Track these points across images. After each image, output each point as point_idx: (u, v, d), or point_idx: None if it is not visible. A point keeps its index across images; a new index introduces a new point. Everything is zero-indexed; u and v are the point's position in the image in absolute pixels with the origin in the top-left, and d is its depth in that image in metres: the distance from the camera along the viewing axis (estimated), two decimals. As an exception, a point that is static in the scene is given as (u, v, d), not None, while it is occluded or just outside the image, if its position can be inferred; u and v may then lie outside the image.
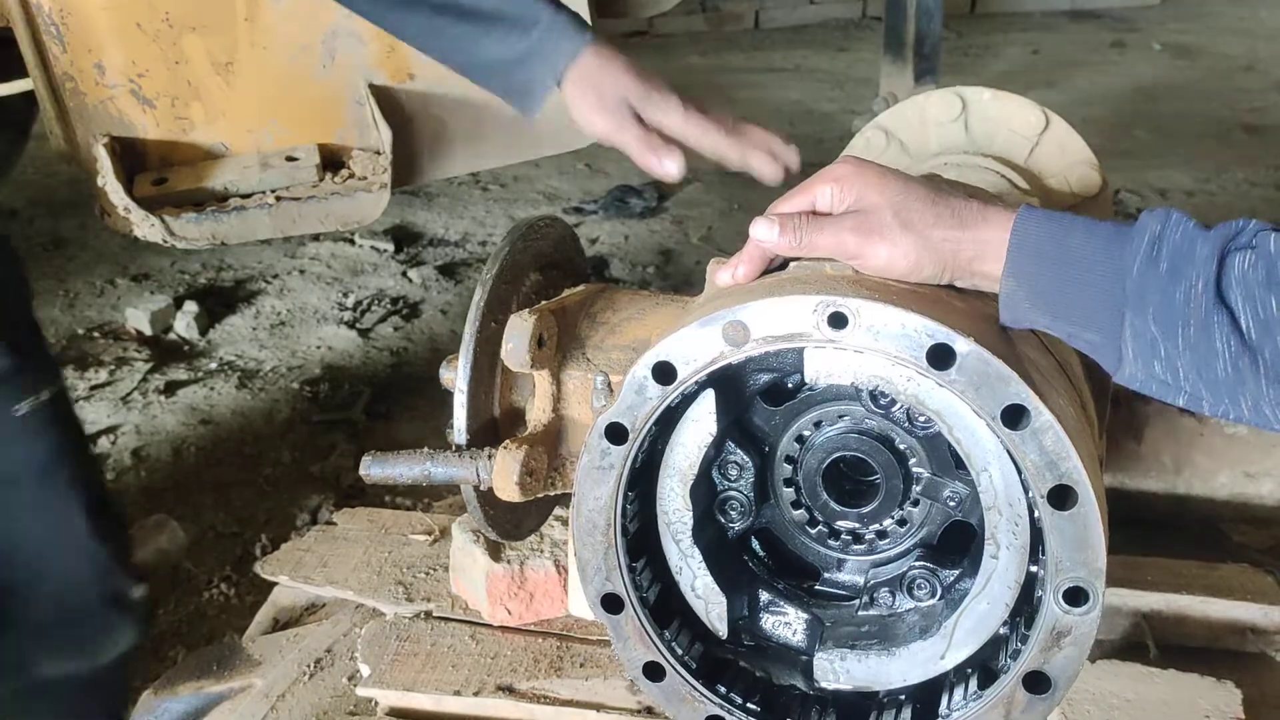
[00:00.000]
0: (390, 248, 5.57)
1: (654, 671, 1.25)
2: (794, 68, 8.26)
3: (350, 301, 5.11)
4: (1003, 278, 1.13)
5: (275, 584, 1.97)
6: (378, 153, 3.11)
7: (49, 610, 1.99)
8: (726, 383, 1.23)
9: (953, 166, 2.21)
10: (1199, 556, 1.85)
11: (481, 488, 1.38)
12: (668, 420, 1.22)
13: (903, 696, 1.24)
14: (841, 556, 1.33)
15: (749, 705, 1.25)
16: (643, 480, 1.25)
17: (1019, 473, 1.10)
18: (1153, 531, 1.99)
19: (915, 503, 1.28)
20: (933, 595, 1.27)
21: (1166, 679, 1.51)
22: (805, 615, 1.31)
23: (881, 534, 1.30)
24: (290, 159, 3.09)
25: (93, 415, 4.25)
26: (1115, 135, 6.55)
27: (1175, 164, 6.29)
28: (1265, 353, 1.02)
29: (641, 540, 1.27)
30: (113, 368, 4.57)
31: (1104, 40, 9.06)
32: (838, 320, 1.09)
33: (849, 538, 1.31)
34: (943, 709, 1.19)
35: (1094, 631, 1.10)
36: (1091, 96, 7.31)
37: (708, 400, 1.21)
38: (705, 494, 1.30)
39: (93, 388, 4.43)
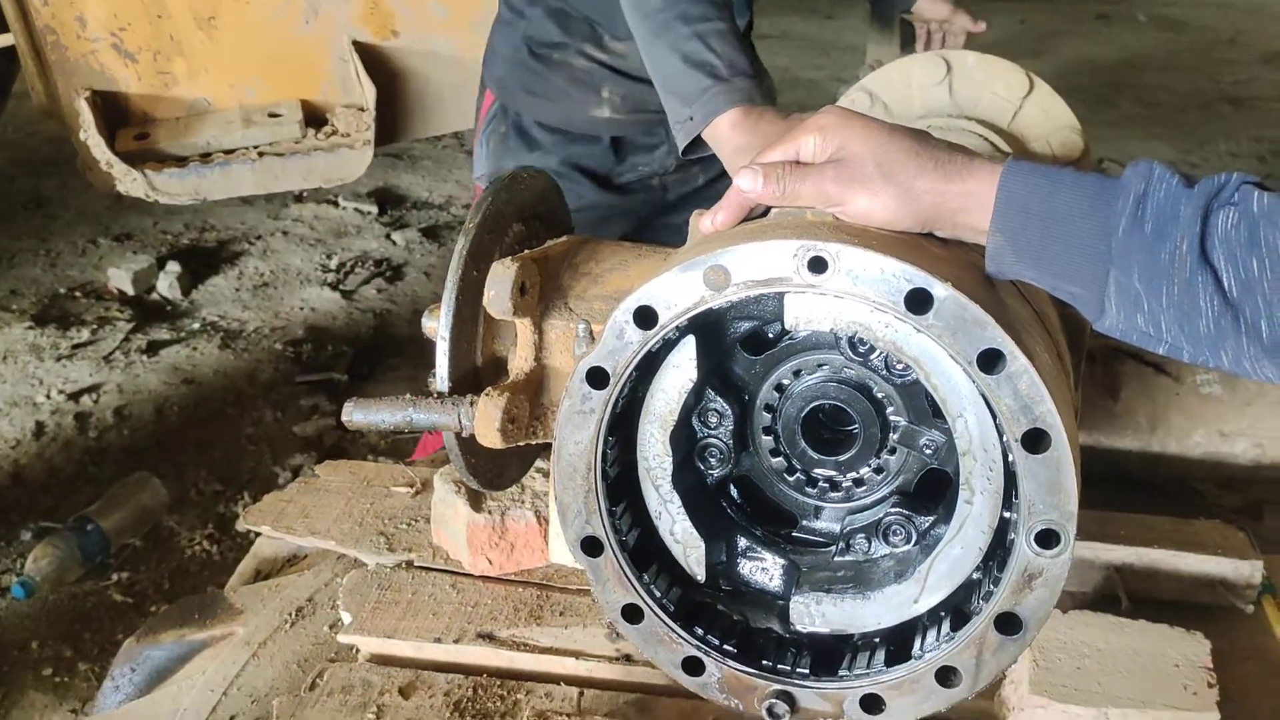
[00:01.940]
0: (374, 210, 5.56)
1: (632, 614, 1.27)
2: (780, 34, 8.24)
3: (334, 263, 5.10)
4: (990, 232, 1.14)
5: (257, 536, 1.98)
6: (361, 109, 3.11)
7: None
8: (707, 330, 1.24)
9: (936, 129, 2.21)
10: (1173, 513, 1.87)
11: (463, 434, 1.39)
12: (648, 366, 1.23)
13: (877, 639, 1.26)
14: (819, 504, 1.35)
15: (726, 647, 1.27)
16: (623, 426, 1.26)
17: (994, 418, 1.12)
18: (1127, 490, 2.01)
19: (892, 451, 1.29)
20: (908, 541, 1.28)
21: (1137, 629, 1.53)
22: (782, 561, 1.33)
23: (859, 481, 1.32)
24: (273, 115, 3.09)
25: (75, 374, 4.25)
26: (1100, 106, 6.57)
27: (1159, 135, 6.32)
28: (1246, 311, 1.04)
29: (621, 485, 1.28)
30: (95, 327, 4.56)
31: (1090, 12, 9.06)
32: (818, 265, 1.10)
33: (826, 485, 1.33)
34: (916, 650, 1.21)
35: (1065, 574, 1.12)
36: (1077, 67, 7.32)
37: (688, 346, 1.22)
38: (685, 440, 1.31)
39: (75, 347, 4.42)
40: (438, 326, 1.42)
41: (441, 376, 1.41)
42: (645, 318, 1.17)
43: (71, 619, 3.26)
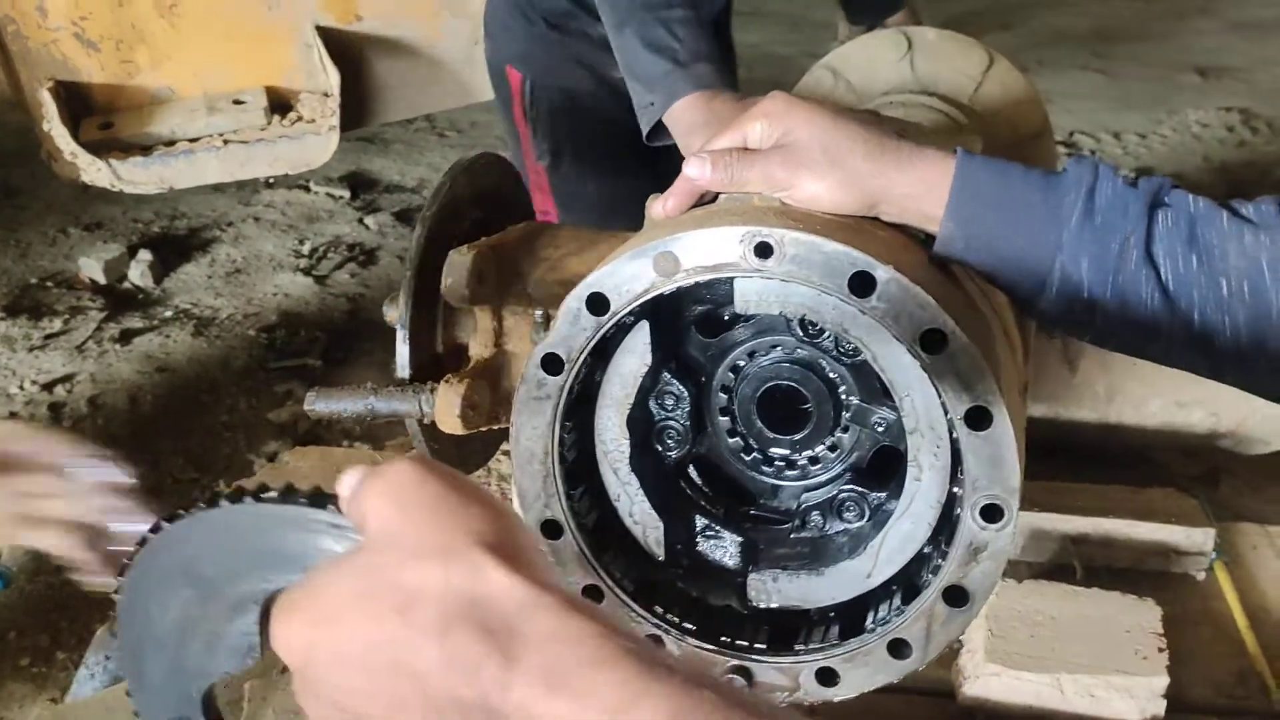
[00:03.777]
0: (346, 194, 5.53)
1: (593, 594, 1.29)
2: (752, 10, 8.20)
3: (306, 249, 5.08)
4: (943, 220, 1.17)
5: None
6: (326, 95, 3.11)
7: None
8: (662, 313, 1.26)
9: (898, 105, 2.23)
10: (1130, 482, 1.91)
11: (425, 421, 1.41)
12: (603, 351, 1.25)
13: (831, 614, 1.28)
14: (776, 482, 1.37)
15: (685, 625, 1.29)
16: (580, 410, 1.28)
17: (940, 396, 1.14)
18: (1085, 460, 2.05)
19: (845, 429, 1.32)
20: (861, 517, 1.31)
21: (1090, 597, 1.57)
22: (740, 539, 1.35)
23: (814, 460, 1.34)
24: (237, 102, 3.09)
25: (48, 365, 4.23)
26: (1070, 77, 6.58)
27: (1129, 106, 6.33)
28: (1181, 303, 1.13)
29: (580, 468, 1.30)
30: (67, 317, 4.54)
31: (1061, -19, 9.05)
32: (763, 250, 1.12)
33: (782, 464, 1.36)
34: (868, 624, 1.24)
35: (1009, 547, 1.15)
36: (1047, 38, 7.32)
37: (642, 332, 1.24)
38: (642, 423, 1.33)
39: (47, 337, 4.40)
40: (397, 315, 1.44)
41: (402, 364, 1.43)
42: (598, 304, 1.19)
43: (49, 609, 3.27)
